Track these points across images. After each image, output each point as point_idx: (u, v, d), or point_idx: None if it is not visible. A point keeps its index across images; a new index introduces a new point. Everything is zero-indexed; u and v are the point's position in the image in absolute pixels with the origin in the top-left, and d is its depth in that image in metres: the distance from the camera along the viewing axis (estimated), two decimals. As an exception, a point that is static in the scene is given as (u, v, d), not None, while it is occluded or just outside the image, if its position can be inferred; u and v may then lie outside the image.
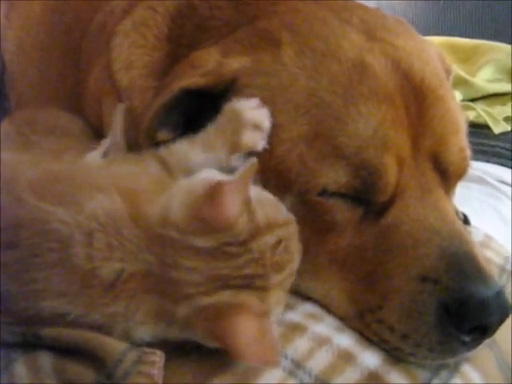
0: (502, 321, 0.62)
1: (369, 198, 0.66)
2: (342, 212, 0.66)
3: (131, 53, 0.94)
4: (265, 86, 0.68)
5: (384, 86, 0.67)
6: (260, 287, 0.56)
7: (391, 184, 0.65)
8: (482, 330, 0.62)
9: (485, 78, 1.59)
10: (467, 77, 1.56)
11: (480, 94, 1.56)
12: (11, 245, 0.55)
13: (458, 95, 1.47)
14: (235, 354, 0.53)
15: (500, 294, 0.62)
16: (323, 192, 0.65)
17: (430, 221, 0.65)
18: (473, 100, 1.56)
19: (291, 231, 0.60)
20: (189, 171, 0.63)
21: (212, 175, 0.59)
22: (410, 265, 0.64)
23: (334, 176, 0.64)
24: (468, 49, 1.70)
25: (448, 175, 0.69)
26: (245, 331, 0.53)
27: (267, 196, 0.61)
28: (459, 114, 0.72)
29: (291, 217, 0.61)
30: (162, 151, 0.66)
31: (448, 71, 0.83)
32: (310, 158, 0.65)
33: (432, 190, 0.67)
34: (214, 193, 0.54)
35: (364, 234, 0.66)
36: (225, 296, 0.54)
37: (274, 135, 0.67)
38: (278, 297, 0.58)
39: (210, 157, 0.66)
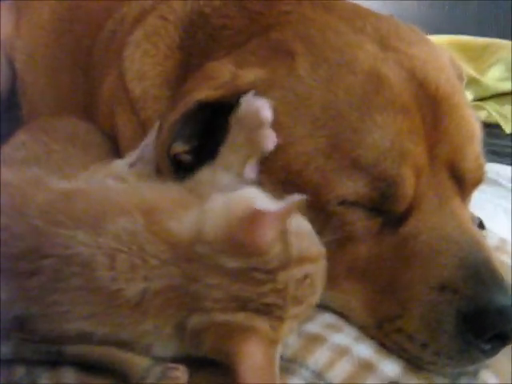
0: (520, 329, 0.62)
1: (387, 209, 0.66)
2: (361, 221, 0.66)
3: (143, 63, 0.95)
4: (281, 99, 0.69)
5: (400, 97, 0.67)
6: (276, 317, 0.56)
7: (409, 194, 0.65)
8: (501, 338, 0.62)
9: (494, 77, 1.59)
10: (477, 76, 1.56)
11: (489, 93, 1.56)
12: (33, 272, 0.56)
13: (468, 95, 1.47)
14: (237, 374, 0.53)
15: (518, 303, 0.63)
16: (342, 202, 0.66)
17: (447, 230, 0.65)
18: (482, 99, 1.56)
19: (320, 267, 0.60)
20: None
21: (254, 195, 0.59)
22: (429, 274, 0.64)
23: (353, 187, 0.64)
24: (477, 47, 1.69)
25: (464, 183, 0.70)
26: (251, 355, 0.53)
27: (306, 228, 0.61)
28: (474, 121, 0.72)
29: (323, 251, 0.61)
30: (188, 183, 0.67)
31: (461, 77, 0.83)
32: (328, 170, 0.65)
33: (449, 199, 0.67)
34: (253, 219, 0.54)
35: (383, 243, 0.67)
36: (240, 317, 0.54)
37: (291, 149, 0.67)
38: (290, 327, 0.59)
39: (231, 176, 0.67)
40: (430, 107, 0.68)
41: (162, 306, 0.55)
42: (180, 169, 0.74)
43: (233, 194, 0.60)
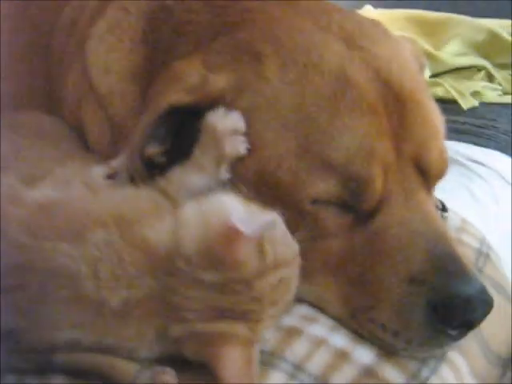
0: (485, 315, 0.66)
1: (357, 206, 0.68)
2: (333, 219, 0.69)
3: (108, 57, 0.94)
4: (250, 104, 0.70)
5: (366, 97, 0.69)
6: (253, 320, 0.59)
7: (378, 192, 0.68)
8: (467, 324, 0.66)
9: (451, 52, 1.62)
10: (433, 51, 1.59)
11: (446, 68, 1.59)
12: (20, 287, 0.57)
13: (426, 72, 1.49)
14: (219, 378, 0.57)
15: (482, 290, 0.67)
16: (315, 201, 0.68)
17: (415, 224, 0.68)
18: (439, 74, 1.58)
19: (294, 268, 0.63)
20: (191, 195, 0.65)
21: (228, 205, 0.60)
22: (399, 267, 0.67)
23: (324, 187, 0.67)
24: (434, 22, 1.71)
25: (429, 177, 0.73)
26: (230, 359, 0.57)
27: (281, 231, 0.63)
28: (437, 116, 0.75)
29: (296, 249, 0.64)
30: (161, 182, 0.68)
31: (422, 67, 0.85)
32: (300, 171, 0.67)
33: (415, 193, 0.70)
34: (231, 237, 0.56)
35: (354, 238, 0.69)
36: (220, 325, 0.57)
37: (263, 152, 0.69)
38: (268, 325, 0.62)
39: (204, 178, 0.68)
40: (396, 106, 0.70)
41: (144, 314, 0.58)
42: (153, 170, 0.75)
43: (206, 204, 0.61)
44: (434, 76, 1.55)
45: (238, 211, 0.59)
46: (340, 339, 0.68)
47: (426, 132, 0.72)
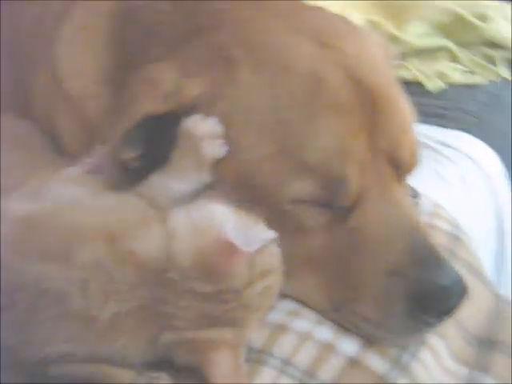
0: (461, 302, 0.70)
1: (336, 203, 0.70)
2: (312, 217, 0.70)
3: (78, 60, 0.94)
4: (226, 109, 0.71)
5: (340, 97, 0.70)
6: (239, 326, 0.61)
7: (354, 190, 0.70)
8: (444, 312, 0.69)
9: (415, 33, 1.63)
10: (397, 33, 1.60)
11: (411, 50, 1.60)
12: (7, 306, 0.58)
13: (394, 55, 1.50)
14: (209, 381, 0.59)
15: (458, 279, 0.70)
16: (293, 201, 0.70)
17: (391, 218, 0.71)
18: (403, 56, 1.59)
19: (278, 276, 0.65)
20: (174, 200, 0.66)
21: (221, 218, 0.62)
22: (378, 261, 0.70)
23: (303, 187, 0.68)
24: (397, 5, 1.72)
25: (402, 170, 0.75)
26: (219, 363, 0.59)
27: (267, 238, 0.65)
28: (407, 110, 0.77)
29: (280, 256, 0.66)
30: (143, 189, 0.68)
31: (391, 58, 0.87)
32: (278, 173, 0.69)
33: (390, 188, 0.73)
34: (225, 251, 0.58)
35: (334, 234, 0.71)
36: (209, 332, 0.60)
37: (241, 156, 0.70)
38: (251, 330, 0.64)
39: (185, 183, 0.69)
40: (368, 104, 0.72)
41: (135, 324, 0.59)
42: (129, 174, 0.76)
43: (196, 212, 0.63)
44: (399, 58, 1.56)
45: (231, 223, 0.61)
46: (325, 332, 0.71)
47: (398, 128, 0.74)
